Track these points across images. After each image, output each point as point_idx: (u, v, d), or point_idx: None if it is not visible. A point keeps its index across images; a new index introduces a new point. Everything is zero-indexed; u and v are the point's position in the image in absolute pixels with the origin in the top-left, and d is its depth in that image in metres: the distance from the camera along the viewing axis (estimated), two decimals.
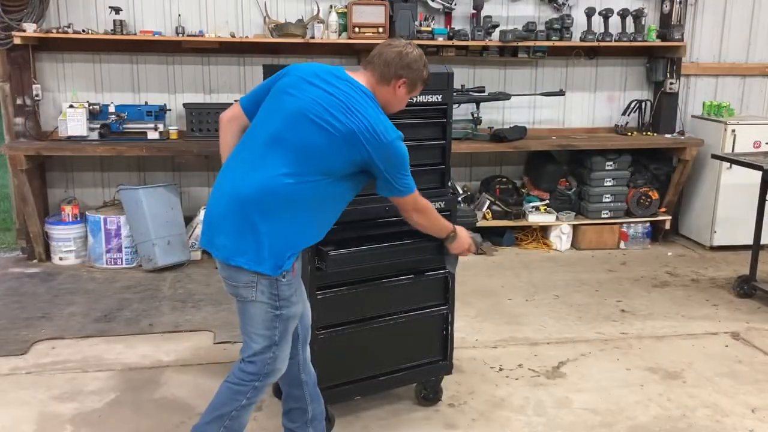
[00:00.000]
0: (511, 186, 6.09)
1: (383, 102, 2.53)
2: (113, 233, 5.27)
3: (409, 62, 2.52)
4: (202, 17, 5.57)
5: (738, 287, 4.92)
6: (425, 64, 2.58)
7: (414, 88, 2.60)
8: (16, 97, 5.29)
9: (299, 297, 2.54)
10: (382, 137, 2.38)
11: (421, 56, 2.56)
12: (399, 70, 2.50)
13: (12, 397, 3.39)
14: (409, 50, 2.53)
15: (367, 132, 2.36)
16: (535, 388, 3.56)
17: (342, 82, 2.45)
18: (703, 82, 6.42)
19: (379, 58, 2.52)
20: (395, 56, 2.50)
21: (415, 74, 2.54)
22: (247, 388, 2.49)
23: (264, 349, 2.46)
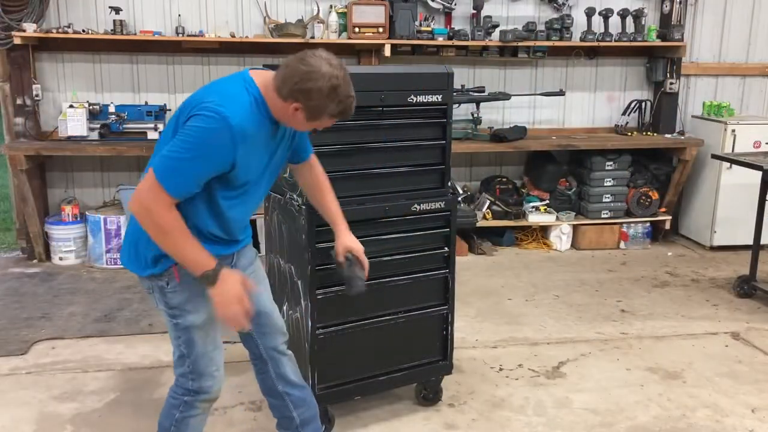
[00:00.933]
0: (511, 186, 6.09)
1: (276, 112, 2.16)
2: (113, 233, 5.27)
3: (309, 89, 2.06)
4: (202, 17, 5.57)
5: (738, 287, 4.92)
6: (338, 99, 2.10)
7: (316, 118, 2.15)
8: (16, 97, 5.29)
9: (197, 307, 2.28)
10: (192, 104, 2.09)
11: (332, 89, 2.07)
12: (295, 92, 2.08)
13: (12, 397, 3.39)
14: (318, 74, 2.06)
15: (184, 104, 2.13)
16: (535, 388, 3.56)
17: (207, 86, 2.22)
18: (703, 82, 6.42)
19: (284, 68, 2.11)
20: (296, 75, 2.07)
21: (314, 104, 2.09)
22: (178, 401, 2.40)
23: (178, 360, 2.37)
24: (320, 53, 2.12)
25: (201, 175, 2.09)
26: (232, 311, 2.16)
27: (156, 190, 2.04)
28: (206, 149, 2.04)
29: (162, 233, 2.09)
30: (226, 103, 2.05)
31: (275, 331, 2.59)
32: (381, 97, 2.92)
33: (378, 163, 3.00)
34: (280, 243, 3.12)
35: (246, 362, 3.68)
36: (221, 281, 2.14)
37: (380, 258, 3.04)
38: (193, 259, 2.13)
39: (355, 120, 2.87)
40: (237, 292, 2.16)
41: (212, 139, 2.03)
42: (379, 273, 3.05)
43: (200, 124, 2.03)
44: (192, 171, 2.06)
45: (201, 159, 2.05)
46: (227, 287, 2.15)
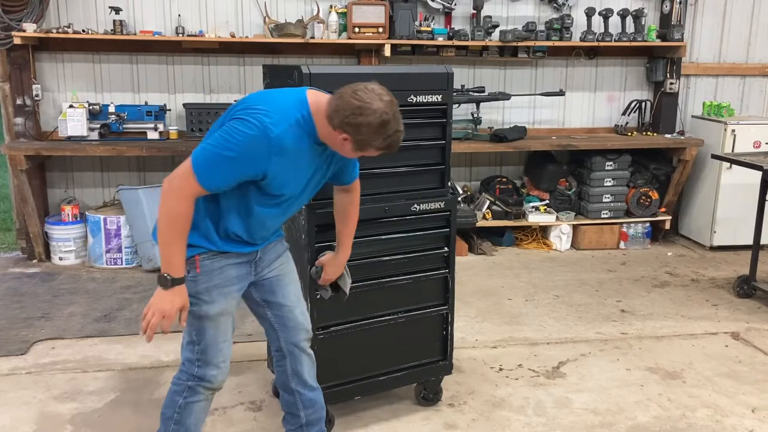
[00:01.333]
0: (511, 186, 6.09)
1: (323, 136, 2.24)
2: (113, 233, 5.27)
3: (359, 123, 2.12)
4: (202, 17, 5.57)
5: (738, 287, 4.92)
6: (385, 134, 2.16)
7: (363, 150, 2.22)
8: (16, 97, 5.29)
9: (214, 298, 2.36)
10: (241, 104, 2.21)
11: (382, 125, 2.13)
12: (345, 125, 2.14)
13: (12, 397, 3.39)
14: (369, 110, 2.11)
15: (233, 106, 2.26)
16: (535, 388, 3.56)
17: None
18: (703, 82, 6.42)
19: (337, 98, 2.17)
20: (348, 108, 2.13)
21: (362, 138, 2.16)
22: (181, 387, 2.46)
23: (187, 346, 2.43)
24: (373, 87, 2.18)
25: (232, 175, 2.17)
26: (154, 317, 2.23)
27: (188, 176, 2.14)
28: (241, 153, 2.12)
29: (169, 217, 2.17)
30: (272, 114, 2.14)
31: (297, 326, 2.63)
32: None
33: (378, 163, 3.00)
34: None
35: (245, 362, 3.71)
36: (170, 292, 2.23)
37: (380, 258, 3.04)
38: (172, 257, 2.21)
39: None
40: (170, 309, 2.23)
41: (248, 144, 2.12)
42: (379, 273, 3.06)
43: (241, 127, 2.12)
44: (224, 168, 2.14)
45: (235, 160, 2.13)
46: (168, 300, 2.23)
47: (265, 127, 2.11)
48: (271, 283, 2.56)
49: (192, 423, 2.49)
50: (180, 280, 2.24)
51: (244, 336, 3.97)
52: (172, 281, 2.22)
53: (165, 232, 2.19)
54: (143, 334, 2.25)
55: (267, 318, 2.62)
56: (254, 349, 3.79)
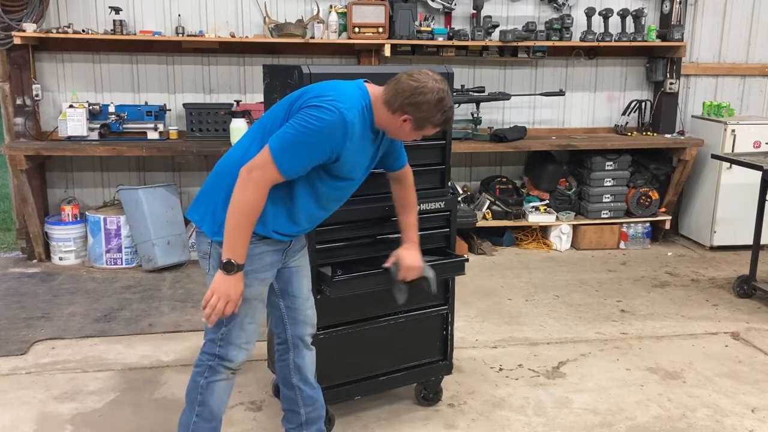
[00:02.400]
0: (511, 186, 6.09)
1: (380, 122, 2.40)
2: (113, 233, 5.27)
3: (419, 102, 2.31)
4: (202, 17, 5.57)
5: (738, 287, 4.92)
6: (443, 109, 2.34)
7: (422, 128, 2.39)
8: (16, 97, 5.29)
9: (251, 282, 2.39)
10: (309, 93, 2.32)
11: (439, 101, 2.32)
12: (406, 106, 2.32)
13: (12, 397, 3.39)
14: (427, 89, 2.31)
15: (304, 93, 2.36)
16: (535, 388, 3.56)
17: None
18: (703, 82, 6.42)
19: (394, 84, 2.35)
20: (407, 90, 2.31)
21: (422, 116, 2.34)
22: (202, 368, 2.50)
23: (213, 327, 2.45)
24: (426, 70, 2.37)
25: (311, 160, 2.27)
26: (218, 300, 2.28)
27: (269, 166, 2.22)
28: (321, 138, 2.23)
29: (245, 205, 2.22)
30: (345, 101, 2.27)
31: (305, 319, 2.68)
32: None
33: None
34: None
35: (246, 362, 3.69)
36: (234, 278, 2.28)
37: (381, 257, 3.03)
38: (237, 244, 2.26)
39: None
40: (234, 294, 2.30)
41: (329, 129, 2.22)
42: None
43: (320, 114, 2.22)
44: (304, 154, 2.24)
45: (314, 146, 2.24)
46: (231, 285, 2.28)
47: (342, 112, 2.23)
48: (291, 272, 2.61)
49: (215, 404, 2.52)
50: (242, 266, 2.29)
51: None
52: (237, 268, 2.27)
53: (239, 219, 2.23)
54: (205, 319, 2.31)
55: (279, 307, 2.66)
56: (254, 349, 3.76)
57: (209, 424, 2.53)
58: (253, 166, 2.22)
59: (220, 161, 2.50)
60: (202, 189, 2.50)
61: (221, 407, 2.56)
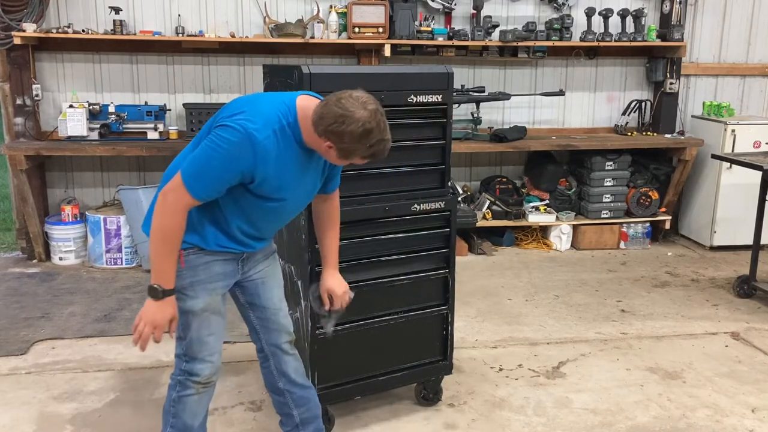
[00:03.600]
0: (511, 186, 6.09)
1: (310, 143, 2.24)
2: (113, 233, 5.27)
3: (342, 131, 2.11)
4: (202, 17, 5.57)
5: (738, 287, 4.92)
6: (368, 143, 2.15)
7: (347, 158, 2.21)
8: (16, 97, 5.29)
9: (198, 293, 2.37)
10: (224, 111, 2.23)
11: (365, 133, 2.12)
12: (329, 133, 2.14)
13: (12, 397, 3.39)
14: (352, 119, 2.10)
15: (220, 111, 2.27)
16: (535, 388, 3.56)
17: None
18: (703, 82, 6.42)
19: (322, 106, 2.17)
20: (331, 116, 2.12)
21: (345, 146, 2.16)
22: (174, 382, 2.50)
23: (176, 341, 2.45)
24: (358, 95, 2.17)
25: (221, 182, 2.19)
26: (144, 326, 2.26)
27: (181, 191, 2.17)
28: (227, 160, 2.14)
29: (163, 232, 2.20)
30: (255, 119, 2.15)
31: (279, 328, 2.64)
32: (381, 97, 2.88)
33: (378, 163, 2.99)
34: (280, 243, 3.12)
35: (245, 362, 3.70)
36: (161, 303, 2.25)
37: (380, 258, 3.04)
38: (162, 269, 2.23)
39: None
40: (161, 320, 2.27)
41: (235, 150, 2.13)
42: (380, 273, 3.06)
43: (225, 134, 2.14)
44: (212, 177, 2.17)
45: (222, 168, 2.15)
46: (159, 311, 2.26)
47: (249, 132, 2.13)
48: (255, 285, 2.56)
49: (188, 417, 2.51)
50: (171, 291, 2.27)
51: (244, 336, 3.94)
52: (163, 292, 2.25)
53: (158, 245, 2.21)
54: (135, 344, 2.29)
55: (250, 319, 2.64)
56: (254, 350, 3.77)
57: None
58: (168, 190, 2.19)
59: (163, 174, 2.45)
60: (151, 202, 2.44)
61: (195, 419, 2.53)
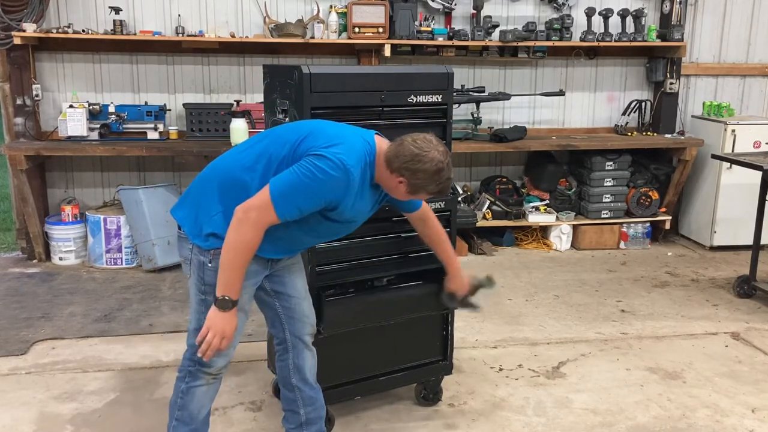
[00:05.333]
0: (511, 186, 6.09)
1: (381, 179, 2.41)
2: (113, 233, 5.27)
3: (417, 169, 2.31)
4: (202, 17, 5.57)
5: (738, 287, 4.92)
6: (439, 180, 2.35)
7: (416, 193, 2.41)
8: (16, 97, 5.29)
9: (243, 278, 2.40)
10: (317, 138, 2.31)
11: (437, 171, 2.32)
12: (404, 170, 2.33)
13: (12, 397, 3.39)
14: (427, 158, 2.30)
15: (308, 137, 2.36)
16: (535, 388, 3.56)
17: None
18: (703, 82, 6.42)
19: (397, 145, 2.35)
20: (408, 155, 2.31)
21: (418, 182, 2.35)
22: (183, 373, 2.53)
23: (193, 332, 2.47)
24: (431, 138, 2.37)
25: (309, 208, 2.29)
26: (213, 337, 2.31)
27: (267, 208, 2.23)
28: (322, 190, 2.24)
29: (241, 245, 2.25)
30: (351, 156, 2.28)
31: (303, 318, 2.68)
32: (381, 97, 2.93)
33: None
34: None
35: (245, 362, 3.71)
36: (229, 314, 2.32)
37: (380, 258, 3.04)
38: (231, 282, 2.29)
39: (356, 120, 2.88)
40: (228, 331, 2.33)
41: (331, 183, 2.24)
42: (380, 273, 3.06)
43: (325, 167, 2.22)
44: (302, 202, 2.26)
45: (314, 196, 2.25)
46: (226, 321, 2.32)
47: (347, 168, 2.25)
48: (281, 273, 2.61)
49: (195, 408, 2.54)
50: (237, 302, 2.33)
51: (244, 336, 3.95)
52: (231, 304, 2.31)
53: (233, 257, 2.26)
54: (201, 354, 2.34)
55: (275, 308, 2.66)
56: (254, 349, 3.79)
57: (187, 427, 2.56)
58: (251, 207, 2.24)
59: (211, 164, 2.51)
60: (189, 188, 2.52)
61: (202, 411, 2.57)
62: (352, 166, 2.26)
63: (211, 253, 2.36)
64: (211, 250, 2.36)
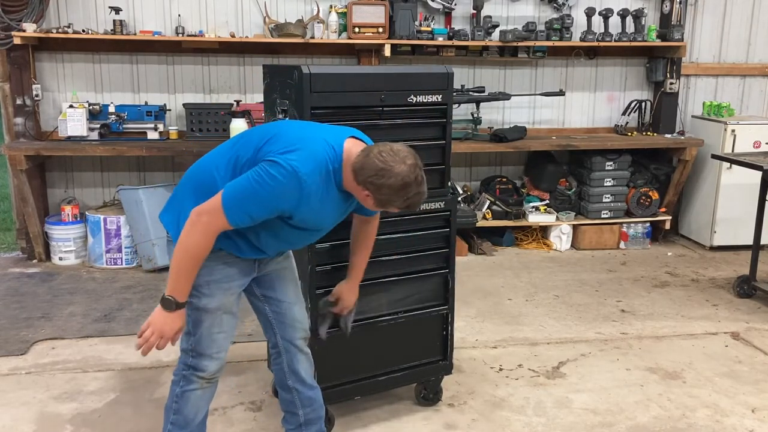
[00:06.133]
0: (511, 186, 6.09)
1: (348, 188, 2.30)
2: (113, 233, 5.27)
3: (381, 184, 2.20)
4: (202, 17, 5.57)
5: (738, 287, 4.92)
6: (405, 196, 2.23)
7: (384, 206, 2.30)
8: (16, 97, 5.30)
9: (213, 292, 2.40)
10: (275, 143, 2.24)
11: (403, 186, 2.20)
12: (368, 183, 2.22)
13: (12, 397, 3.39)
14: (392, 173, 2.18)
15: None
16: (535, 388, 3.56)
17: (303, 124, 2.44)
18: (703, 82, 6.42)
19: (363, 156, 2.22)
20: (372, 168, 2.19)
21: (383, 197, 2.24)
22: (178, 377, 2.52)
23: (184, 336, 2.46)
24: (399, 149, 2.24)
25: (260, 214, 2.23)
26: (151, 335, 2.31)
27: (218, 213, 2.20)
28: (272, 197, 2.18)
29: (191, 249, 2.24)
30: (307, 163, 2.18)
31: (294, 323, 2.66)
32: (381, 97, 2.93)
33: None
34: None
35: (245, 362, 3.71)
36: (173, 314, 2.30)
37: (380, 258, 3.04)
38: (178, 283, 2.28)
39: (355, 120, 2.89)
40: (167, 331, 2.31)
41: (281, 190, 2.16)
42: (380, 273, 3.06)
43: (275, 173, 2.15)
44: (253, 209, 2.20)
45: (264, 203, 2.19)
46: (167, 321, 2.31)
47: (299, 176, 2.16)
48: (271, 278, 2.59)
49: (190, 412, 2.53)
50: (183, 304, 2.31)
51: (244, 336, 3.97)
52: (177, 305, 2.29)
53: (183, 260, 2.25)
54: (138, 349, 2.33)
55: (265, 313, 2.65)
56: (254, 349, 3.79)
57: (183, 431, 2.55)
58: (203, 211, 2.22)
59: (192, 166, 2.48)
60: (174, 191, 2.50)
61: (198, 415, 2.56)
62: (307, 174, 2.17)
63: None
64: None
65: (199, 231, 2.22)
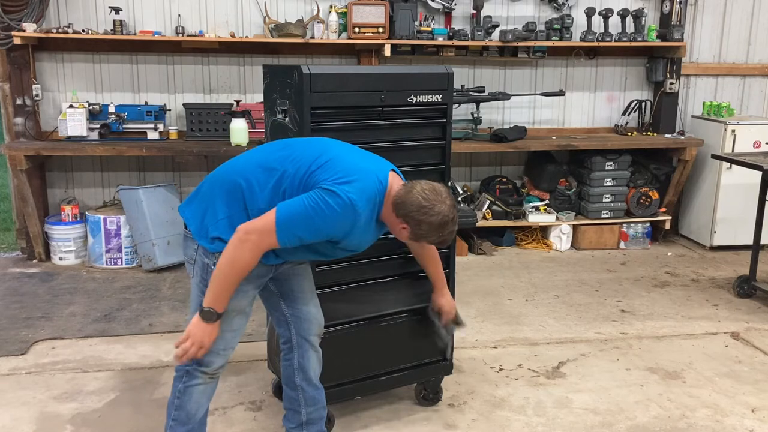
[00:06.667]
0: (511, 186, 6.09)
1: (385, 217, 2.42)
2: (113, 233, 5.27)
3: (421, 220, 2.34)
4: (202, 17, 5.57)
5: (738, 287, 4.92)
6: (441, 233, 2.38)
7: (417, 240, 2.44)
8: (16, 97, 5.29)
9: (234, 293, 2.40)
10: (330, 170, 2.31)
11: (441, 225, 2.35)
12: (408, 218, 2.35)
13: (12, 397, 3.39)
14: (433, 211, 2.32)
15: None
16: (535, 388, 3.56)
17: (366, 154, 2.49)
18: (703, 82, 6.42)
19: (406, 192, 2.35)
20: (415, 205, 2.33)
21: (420, 232, 2.38)
22: (181, 372, 2.53)
23: None
24: (440, 189, 2.38)
25: (310, 239, 2.31)
26: (192, 345, 2.34)
27: (269, 234, 2.25)
28: (327, 224, 2.26)
29: (238, 264, 2.27)
30: (362, 196, 2.29)
31: (311, 318, 2.69)
32: (381, 97, 2.93)
33: None
34: None
35: (245, 362, 3.71)
36: (210, 325, 2.34)
37: (380, 258, 3.04)
38: (220, 296, 2.31)
39: (356, 120, 2.89)
40: (207, 342, 2.36)
41: (337, 219, 2.26)
42: (380, 273, 3.06)
43: (333, 202, 2.24)
44: (306, 233, 2.27)
45: (318, 229, 2.27)
46: (206, 332, 2.34)
47: (355, 208, 2.26)
48: (287, 275, 2.62)
49: (192, 408, 2.54)
50: (221, 315, 2.34)
51: (244, 336, 3.94)
52: (216, 317, 2.33)
53: (228, 274, 2.28)
54: (177, 359, 2.37)
55: (281, 310, 2.67)
56: (254, 349, 3.79)
57: (185, 427, 2.56)
58: (253, 230, 2.25)
59: (226, 164, 2.49)
60: (200, 186, 2.51)
61: (199, 410, 2.57)
62: (361, 207, 2.28)
63: (216, 256, 2.36)
64: (216, 254, 2.36)
65: (248, 249, 2.25)
